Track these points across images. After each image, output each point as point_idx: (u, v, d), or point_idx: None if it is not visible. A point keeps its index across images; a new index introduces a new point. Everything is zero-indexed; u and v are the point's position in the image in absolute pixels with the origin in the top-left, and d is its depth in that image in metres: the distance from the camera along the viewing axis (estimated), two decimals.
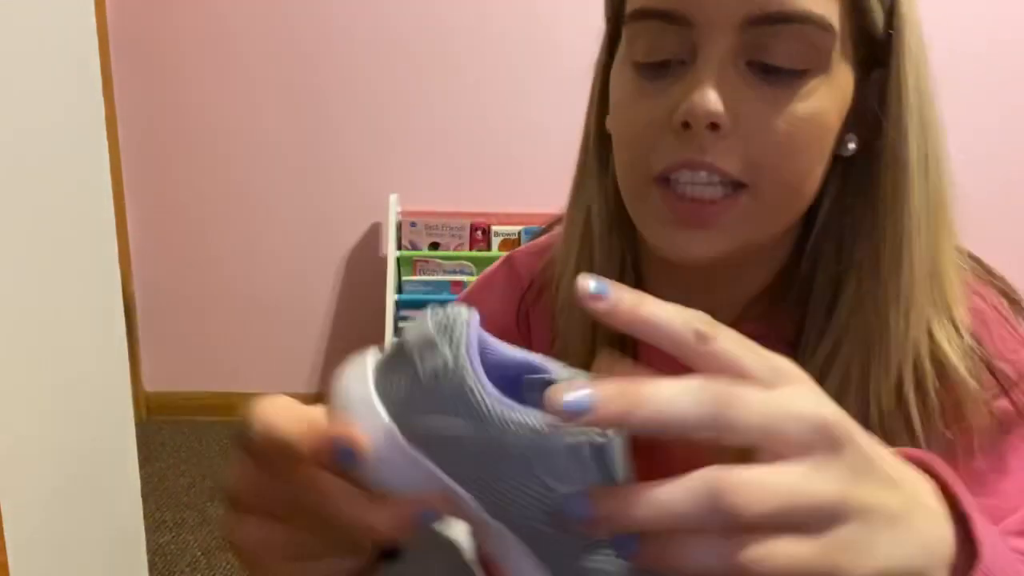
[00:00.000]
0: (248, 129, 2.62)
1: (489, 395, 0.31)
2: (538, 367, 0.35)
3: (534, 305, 0.63)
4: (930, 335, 0.50)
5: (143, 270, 2.73)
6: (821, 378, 0.49)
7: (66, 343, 1.29)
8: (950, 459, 0.44)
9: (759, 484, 0.29)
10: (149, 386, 2.81)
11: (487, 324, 0.35)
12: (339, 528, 0.33)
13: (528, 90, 2.58)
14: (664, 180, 0.48)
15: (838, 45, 0.46)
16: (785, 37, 0.45)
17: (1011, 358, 0.51)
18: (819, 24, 0.45)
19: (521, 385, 0.34)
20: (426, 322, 0.34)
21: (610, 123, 0.53)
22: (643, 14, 0.48)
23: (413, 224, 2.59)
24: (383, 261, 2.63)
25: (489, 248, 2.60)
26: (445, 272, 2.56)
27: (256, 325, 2.76)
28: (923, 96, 0.49)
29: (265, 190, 2.67)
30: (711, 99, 0.45)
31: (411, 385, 0.33)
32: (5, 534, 1.12)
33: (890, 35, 0.48)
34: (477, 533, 0.34)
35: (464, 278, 2.52)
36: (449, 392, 0.32)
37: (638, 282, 0.58)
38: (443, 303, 0.35)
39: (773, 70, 0.46)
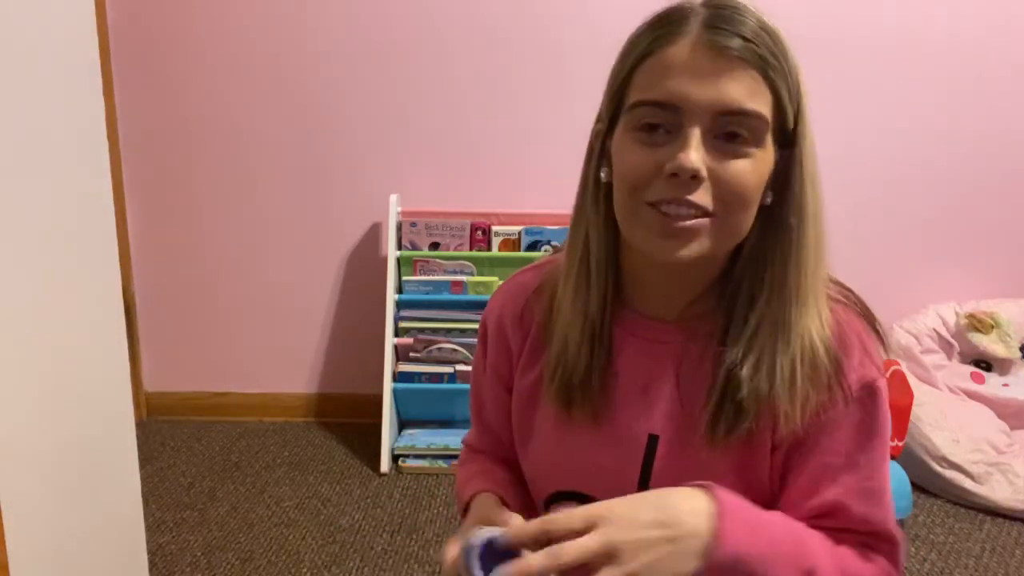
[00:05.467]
0: (248, 129, 2.62)
1: None
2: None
3: (535, 301, 0.89)
4: (810, 330, 0.75)
5: (143, 270, 2.74)
6: (743, 357, 0.75)
7: (66, 343, 1.29)
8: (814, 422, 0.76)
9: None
10: (149, 386, 2.81)
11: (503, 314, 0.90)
12: None
13: (528, 91, 2.58)
14: (654, 205, 0.72)
15: (768, 130, 0.72)
16: (739, 123, 0.70)
17: (857, 370, 0.77)
18: (759, 117, 0.70)
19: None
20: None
21: (616, 170, 0.76)
22: (645, 103, 0.72)
23: (413, 224, 2.59)
24: (383, 261, 2.63)
25: (489, 248, 2.59)
26: (445, 272, 2.56)
27: (256, 325, 2.76)
28: (815, 168, 0.75)
29: (265, 190, 2.67)
30: (695, 159, 0.69)
31: None
32: (5, 534, 1.12)
33: (796, 128, 0.73)
34: None
35: (464, 278, 2.52)
36: None
37: (617, 283, 0.82)
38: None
39: (730, 143, 0.70)
